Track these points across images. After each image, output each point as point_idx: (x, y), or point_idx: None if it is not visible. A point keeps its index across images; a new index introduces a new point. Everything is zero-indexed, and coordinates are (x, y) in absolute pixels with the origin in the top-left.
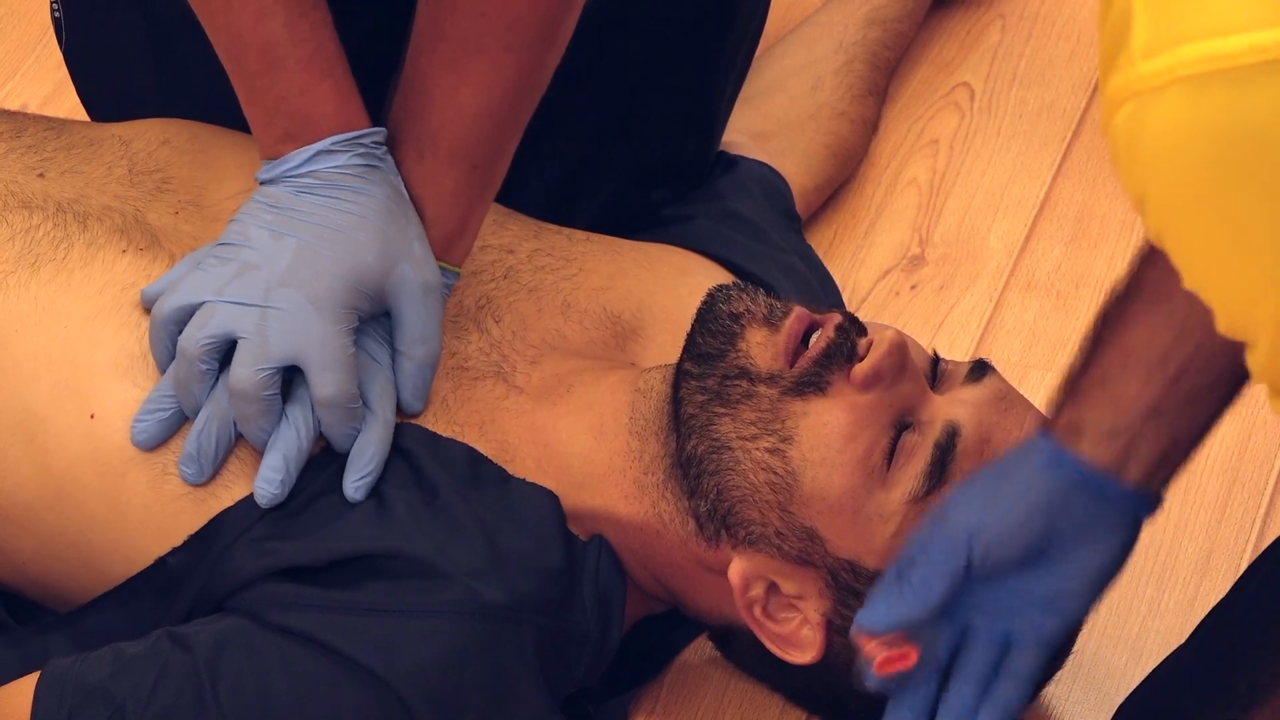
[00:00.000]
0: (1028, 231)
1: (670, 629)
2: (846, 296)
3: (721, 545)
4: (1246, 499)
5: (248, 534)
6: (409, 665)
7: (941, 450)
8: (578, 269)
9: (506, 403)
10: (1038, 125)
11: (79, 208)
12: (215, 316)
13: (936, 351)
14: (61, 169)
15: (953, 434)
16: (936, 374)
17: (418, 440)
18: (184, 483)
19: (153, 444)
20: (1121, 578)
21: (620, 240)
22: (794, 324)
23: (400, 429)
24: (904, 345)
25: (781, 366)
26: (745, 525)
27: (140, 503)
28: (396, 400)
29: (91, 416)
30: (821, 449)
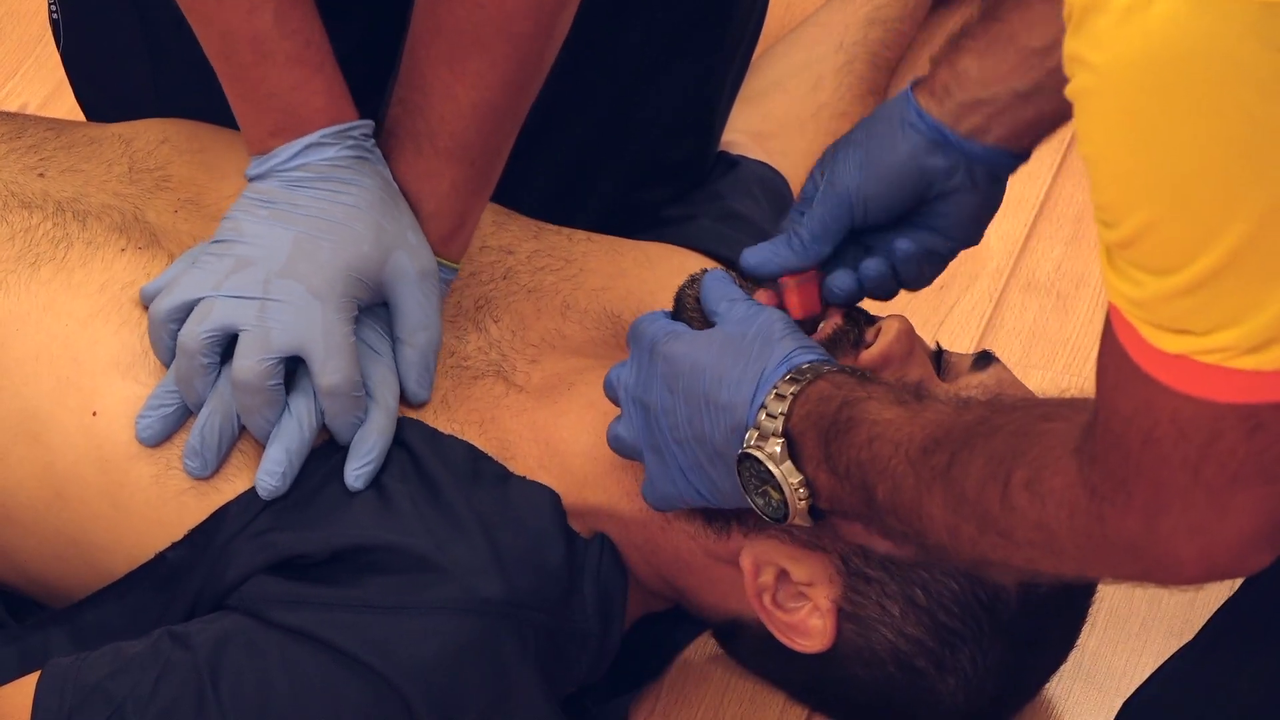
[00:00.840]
0: (1028, 231)
1: (672, 627)
2: None
3: (732, 534)
4: None
5: (249, 527)
6: (410, 662)
7: None
8: (578, 269)
9: (506, 401)
10: None
11: (78, 206)
12: (214, 311)
13: (940, 344)
14: (61, 167)
15: None
16: (941, 365)
17: (419, 436)
18: (188, 477)
19: (157, 440)
20: None
21: (621, 240)
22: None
23: (401, 424)
24: (912, 332)
25: None
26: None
27: (143, 498)
28: (400, 389)
29: (94, 414)
30: None
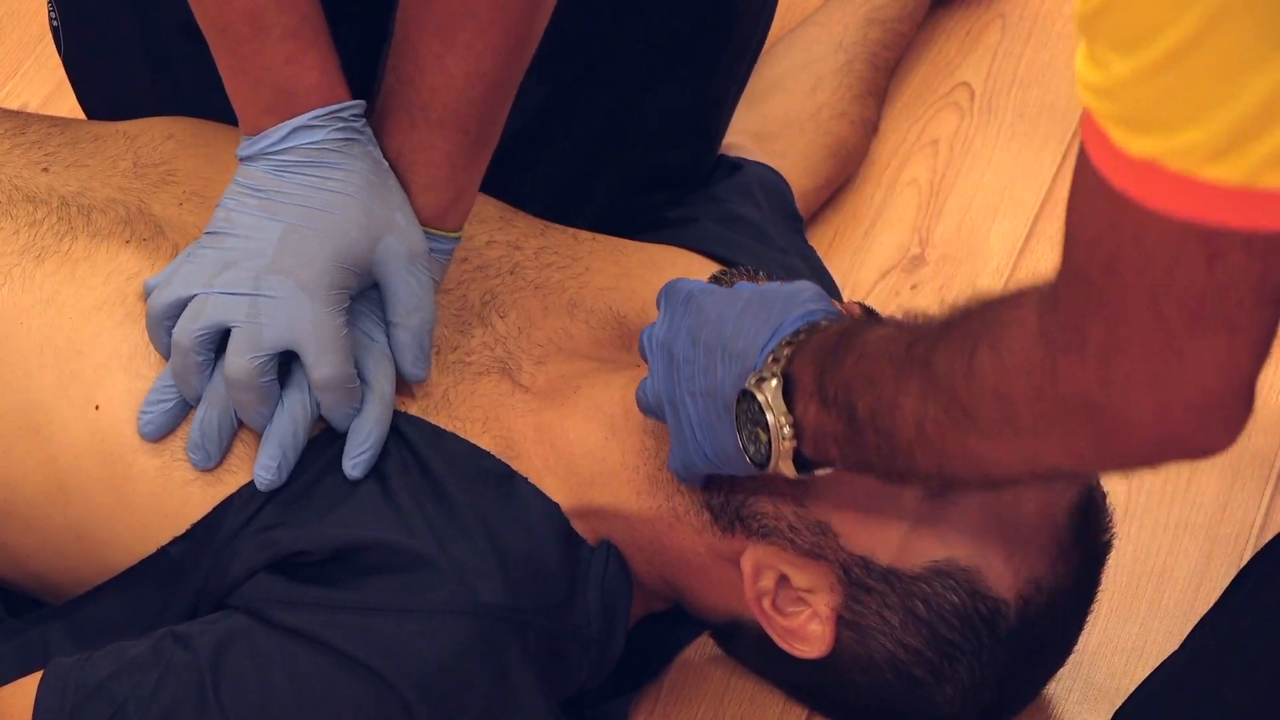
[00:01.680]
0: (1028, 231)
1: (672, 627)
2: (847, 296)
3: (736, 535)
4: (1246, 499)
5: (252, 523)
6: (410, 665)
7: None
8: (584, 268)
9: (511, 400)
10: (1038, 125)
11: (83, 200)
12: (206, 307)
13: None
14: (66, 163)
15: None
16: None
17: (420, 433)
18: (193, 469)
19: (159, 435)
20: (1122, 579)
21: (625, 241)
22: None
23: (401, 421)
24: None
25: None
26: (758, 518)
27: (147, 490)
28: (396, 374)
29: (96, 407)
30: None
